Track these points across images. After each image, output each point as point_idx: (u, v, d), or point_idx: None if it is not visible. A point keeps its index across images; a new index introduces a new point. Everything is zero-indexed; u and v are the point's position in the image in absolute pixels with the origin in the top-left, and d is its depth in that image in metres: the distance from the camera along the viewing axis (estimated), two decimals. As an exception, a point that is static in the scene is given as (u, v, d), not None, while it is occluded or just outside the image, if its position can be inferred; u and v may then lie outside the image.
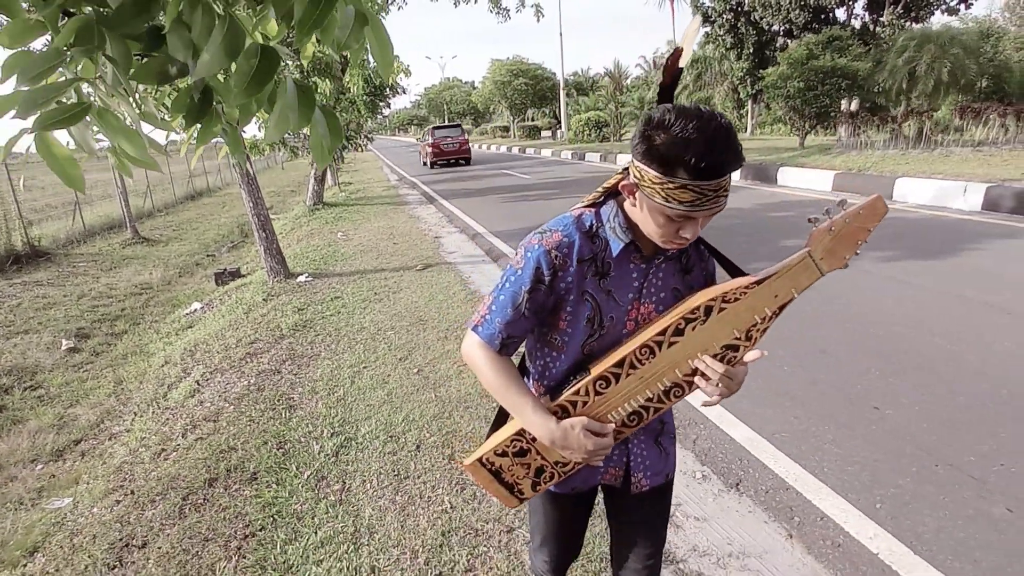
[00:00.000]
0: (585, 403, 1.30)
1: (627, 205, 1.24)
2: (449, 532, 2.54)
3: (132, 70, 0.66)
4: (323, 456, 3.25)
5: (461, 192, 15.33)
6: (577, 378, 1.31)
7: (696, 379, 1.26)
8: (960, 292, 4.93)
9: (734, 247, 6.88)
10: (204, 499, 3.08)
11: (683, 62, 1.17)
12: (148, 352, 6.50)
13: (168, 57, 0.66)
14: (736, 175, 13.43)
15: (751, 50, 26.70)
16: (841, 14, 27.29)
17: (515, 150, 31.65)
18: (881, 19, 25.57)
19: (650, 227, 1.19)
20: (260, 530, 2.74)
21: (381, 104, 21.45)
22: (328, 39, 0.70)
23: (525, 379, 1.44)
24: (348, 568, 2.40)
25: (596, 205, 1.31)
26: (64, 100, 0.70)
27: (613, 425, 1.31)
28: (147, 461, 3.67)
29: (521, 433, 1.35)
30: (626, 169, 1.22)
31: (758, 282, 1.23)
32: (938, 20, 28.52)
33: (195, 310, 7.53)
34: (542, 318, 1.33)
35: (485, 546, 2.45)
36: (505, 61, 44.91)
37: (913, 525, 2.37)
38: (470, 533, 2.53)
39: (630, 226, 1.26)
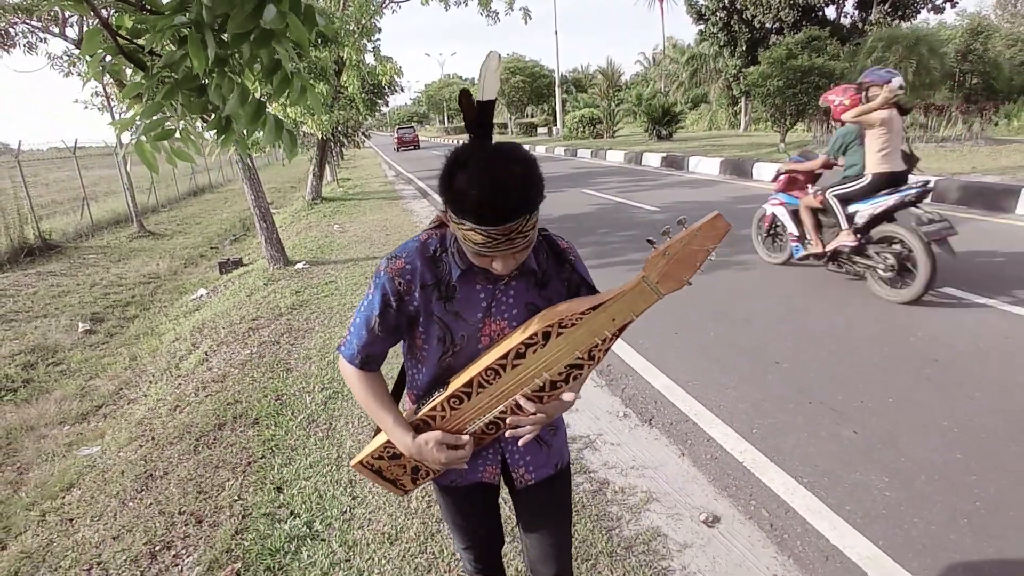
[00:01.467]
0: (443, 417, 1.36)
1: None
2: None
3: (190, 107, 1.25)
4: (314, 405, 3.87)
5: (454, 187, 15.90)
6: (436, 393, 1.36)
7: (543, 393, 1.31)
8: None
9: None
10: (214, 439, 3.70)
11: (484, 96, 1.16)
12: (159, 332, 7.13)
13: (209, 101, 1.24)
14: (711, 168, 14.02)
15: (744, 47, 27.08)
16: (831, 12, 27.84)
17: (511, 147, 32.19)
18: (869, 18, 26.10)
19: (469, 252, 1.20)
20: (261, 458, 3.36)
21: (379, 102, 22.01)
22: (292, 98, 1.29)
23: (404, 385, 1.52)
24: (331, 481, 3.02)
25: (443, 226, 1.34)
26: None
27: (467, 437, 1.36)
28: (164, 415, 4.28)
29: (391, 442, 1.44)
30: None
31: (594, 308, 1.24)
32: (924, 19, 29.05)
33: (201, 295, 8.15)
34: (401, 335, 1.39)
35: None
36: (503, 59, 45.46)
37: (777, 444, 2.99)
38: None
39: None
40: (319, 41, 8.58)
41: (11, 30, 6.54)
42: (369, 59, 13.47)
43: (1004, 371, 3.54)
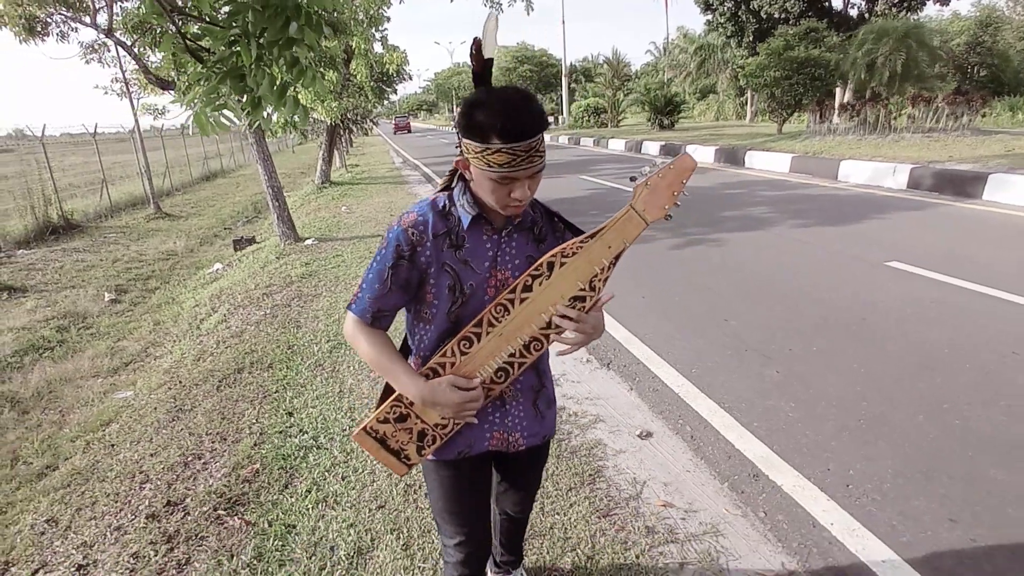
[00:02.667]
0: (453, 363, 1.40)
1: (471, 183, 1.36)
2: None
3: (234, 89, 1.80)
4: (320, 353, 4.45)
5: (458, 173, 16.44)
6: (446, 343, 1.42)
7: (550, 331, 1.39)
8: (835, 249, 6.07)
9: (680, 217, 7.99)
10: (234, 380, 4.27)
11: (487, 53, 1.33)
12: (179, 301, 7.73)
13: (247, 85, 1.78)
14: (709, 157, 14.48)
15: (751, 38, 27.25)
16: (838, 3, 28.00)
17: (517, 135, 32.70)
18: (876, 9, 26.26)
19: (486, 195, 1.31)
20: (275, 393, 3.93)
21: (388, 90, 22.48)
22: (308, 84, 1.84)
23: (408, 358, 1.55)
24: (333, 408, 3.59)
25: (448, 189, 1.45)
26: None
27: (479, 379, 1.41)
28: (189, 364, 4.86)
29: (399, 399, 1.45)
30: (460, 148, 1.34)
31: (591, 236, 1.36)
32: (930, 13, 29.13)
33: (217, 269, 8.74)
34: (411, 294, 1.44)
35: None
36: (511, 48, 45.81)
37: (710, 380, 3.53)
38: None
39: (477, 201, 1.37)
40: (329, 31, 9.11)
41: (48, 20, 7.10)
42: (377, 48, 13.91)
43: (919, 329, 4.06)
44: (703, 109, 37.60)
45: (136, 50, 7.10)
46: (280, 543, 2.48)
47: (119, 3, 6.22)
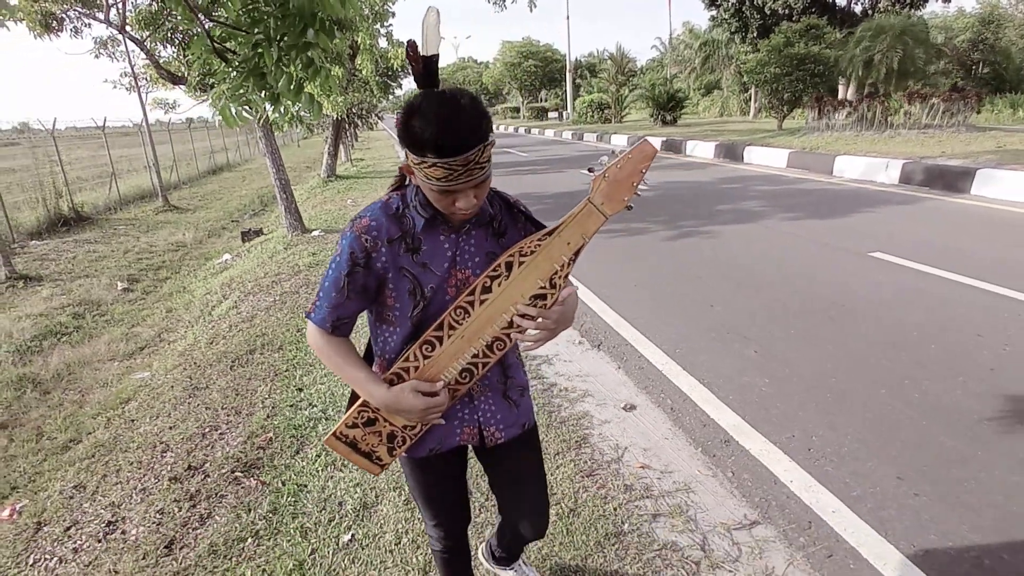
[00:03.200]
0: (416, 367, 1.38)
1: None
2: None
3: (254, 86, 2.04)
4: (328, 335, 4.70)
5: (461, 168, 16.70)
6: (409, 347, 1.40)
7: (511, 331, 1.37)
8: (823, 241, 6.28)
9: (674, 210, 8.23)
10: (247, 360, 4.53)
11: (430, 50, 1.25)
12: (190, 290, 8.00)
13: (267, 83, 2.02)
14: (707, 152, 14.68)
15: (755, 34, 27.35)
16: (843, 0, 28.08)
17: (521, 130, 33.06)
18: (879, 5, 26.34)
19: (431, 197, 1.27)
20: (285, 371, 4.19)
21: (393, 85, 22.72)
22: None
23: (371, 362, 1.54)
24: (341, 384, 3.83)
25: (401, 188, 1.42)
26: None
27: (442, 383, 1.39)
28: (203, 346, 5.12)
29: (366, 404, 1.45)
30: None
31: (549, 233, 1.33)
32: (934, 10, 29.23)
33: (226, 260, 9.01)
34: (370, 299, 1.41)
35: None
36: (516, 43, 45.98)
37: (693, 359, 3.78)
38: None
39: (429, 202, 1.32)
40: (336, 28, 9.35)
41: (64, 15, 7.33)
42: (382, 43, 14.12)
43: (892, 314, 4.29)
44: (707, 105, 37.69)
45: (148, 46, 7.35)
46: (293, 499, 2.73)
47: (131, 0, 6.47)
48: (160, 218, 14.25)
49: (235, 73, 1.92)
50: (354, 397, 1.51)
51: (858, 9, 28.01)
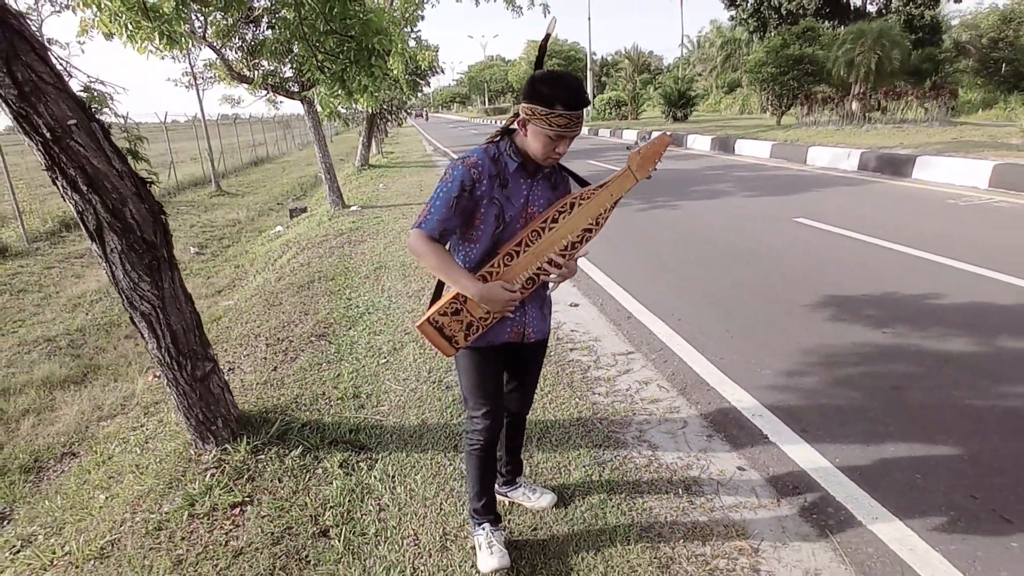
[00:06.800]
0: (497, 272, 1.87)
1: (518, 138, 1.82)
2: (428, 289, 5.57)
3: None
4: (366, 270, 6.32)
5: (482, 159, 18.35)
6: (490, 258, 1.88)
7: (566, 252, 1.88)
8: (764, 211, 7.73)
9: (654, 190, 9.73)
10: (308, 287, 6.15)
11: (542, 42, 1.91)
12: (252, 252, 9.71)
13: (347, 87, 3.54)
14: (705, 145, 16.06)
15: (773, 33, 28.40)
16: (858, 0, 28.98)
17: (543, 126, 34.48)
18: (891, 5, 27.23)
19: (536, 148, 1.77)
20: (337, 291, 5.79)
21: (421, 83, 24.37)
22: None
23: (442, 288, 2.00)
24: (377, 295, 5.43)
25: (496, 141, 1.89)
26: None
27: (519, 284, 1.88)
28: (272, 282, 6.77)
29: (456, 297, 1.89)
30: (515, 116, 1.81)
31: (600, 186, 1.88)
32: (960, 8, 29.79)
33: (279, 230, 10.73)
34: (465, 219, 1.85)
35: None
36: (540, 42, 47.38)
37: (629, 282, 5.31)
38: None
39: (519, 153, 1.84)
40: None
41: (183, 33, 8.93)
42: (411, 43, 15.74)
43: (789, 257, 5.76)
44: (729, 103, 38.67)
45: (223, 52, 9.06)
46: (349, 347, 4.33)
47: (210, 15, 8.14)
48: (214, 201, 16.10)
49: (329, 80, 3.44)
50: (437, 293, 2.01)
51: (873, 9, 28.91)
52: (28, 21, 2.08)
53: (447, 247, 1.92)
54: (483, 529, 2.20)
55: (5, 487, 3.69)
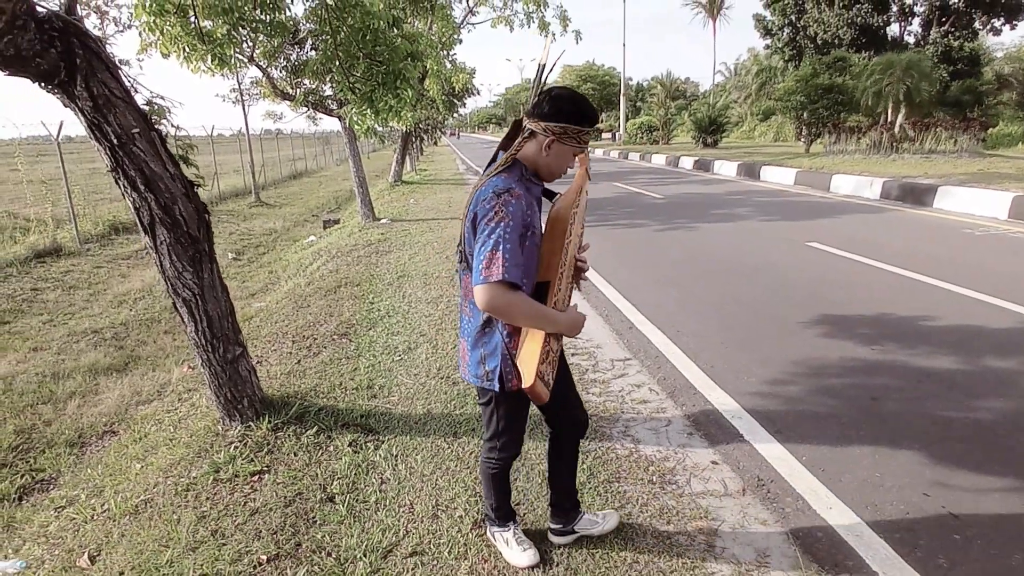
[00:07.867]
0: (562, 300, 1.84)
1: (534, 158, 1.80)
2: (445, 296, 5.91)
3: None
4: (390, 278, 6.68)
5: (512, 178, 18.81)
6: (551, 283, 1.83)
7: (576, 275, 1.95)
8: (779, 235, 7.90)
9: (674, 213, 9.96)
10: (335, 292, 6.54)
11: (548, 64, 1.91)
12: (286, 259, 10.20)
13: (375, 107, 3.93)
14: (731, 171, 16.22)
15: (807, 62, 28.44)
16: (894, 30, 28.95)
17: (575, 149, 34.96)
18: (928, 36, 27.14)
19: (558, 166, 1.82)
20: (361, 296, 6.16)
21: (458, 103, 25.01)
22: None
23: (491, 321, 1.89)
24: (398, 301, 5.78)
25: (508, 170, 1.81)
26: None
27: (570, 301, 1.91)
28: (303, 286, 7.18)
29: (546, 341, 1.78)
30: (528, 136, 1.78)
31: (579, 190, 1.95)
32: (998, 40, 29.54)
33: (312, 240, 11.22)
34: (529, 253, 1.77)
35: (456, 297, 5.78)
36: (576, 67, 48.17)
37: (635, 296, 5.55)
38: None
39: (535, 173, 1.85)
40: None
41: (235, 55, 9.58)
42: (447, 64, 16.28)
43: (790, 275, 5.95)
44: (764, 130, 38.67)
45: (268, 71, 9.64)
46: (367, 347, 4.66)
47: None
48: (253, 211, 16.79)
49: (358, 100, 3.80)
50: (511, 344, 1.84)
51: (911, 40, 28.83)
52: (104, 44, 2.47)
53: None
54: (508, 528, 2.32)
55: (52, 458, 4.07)
